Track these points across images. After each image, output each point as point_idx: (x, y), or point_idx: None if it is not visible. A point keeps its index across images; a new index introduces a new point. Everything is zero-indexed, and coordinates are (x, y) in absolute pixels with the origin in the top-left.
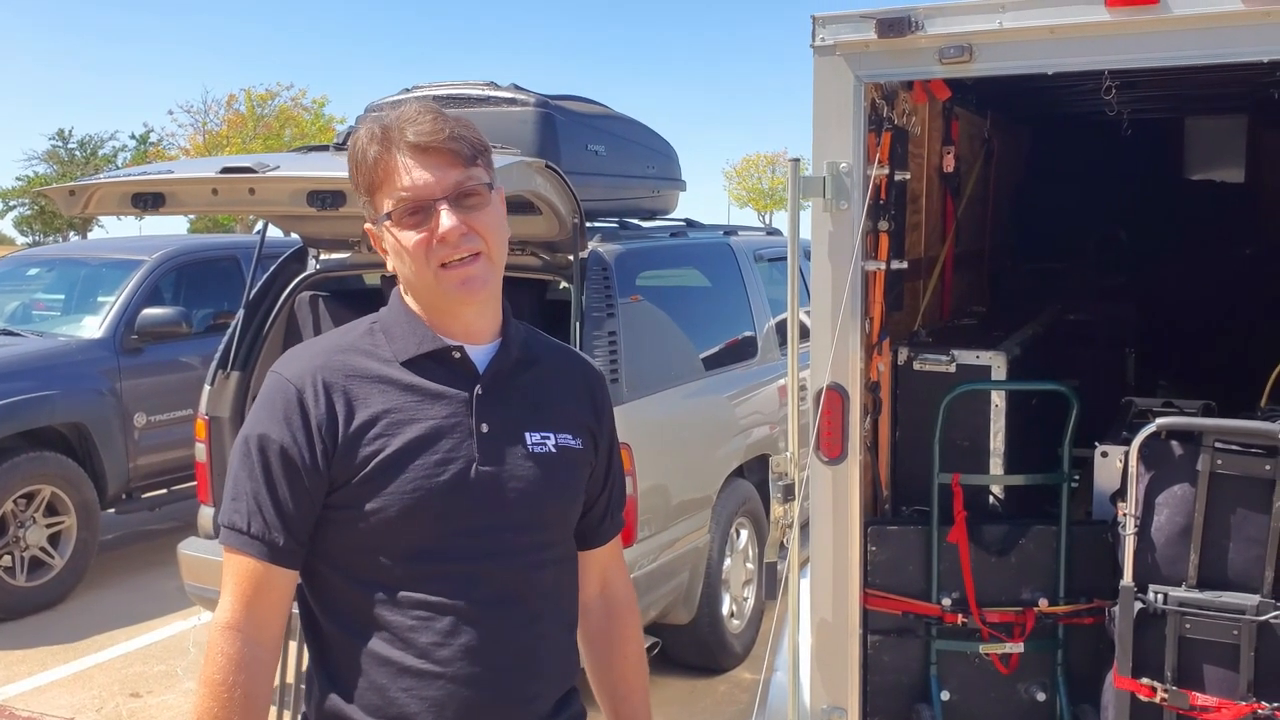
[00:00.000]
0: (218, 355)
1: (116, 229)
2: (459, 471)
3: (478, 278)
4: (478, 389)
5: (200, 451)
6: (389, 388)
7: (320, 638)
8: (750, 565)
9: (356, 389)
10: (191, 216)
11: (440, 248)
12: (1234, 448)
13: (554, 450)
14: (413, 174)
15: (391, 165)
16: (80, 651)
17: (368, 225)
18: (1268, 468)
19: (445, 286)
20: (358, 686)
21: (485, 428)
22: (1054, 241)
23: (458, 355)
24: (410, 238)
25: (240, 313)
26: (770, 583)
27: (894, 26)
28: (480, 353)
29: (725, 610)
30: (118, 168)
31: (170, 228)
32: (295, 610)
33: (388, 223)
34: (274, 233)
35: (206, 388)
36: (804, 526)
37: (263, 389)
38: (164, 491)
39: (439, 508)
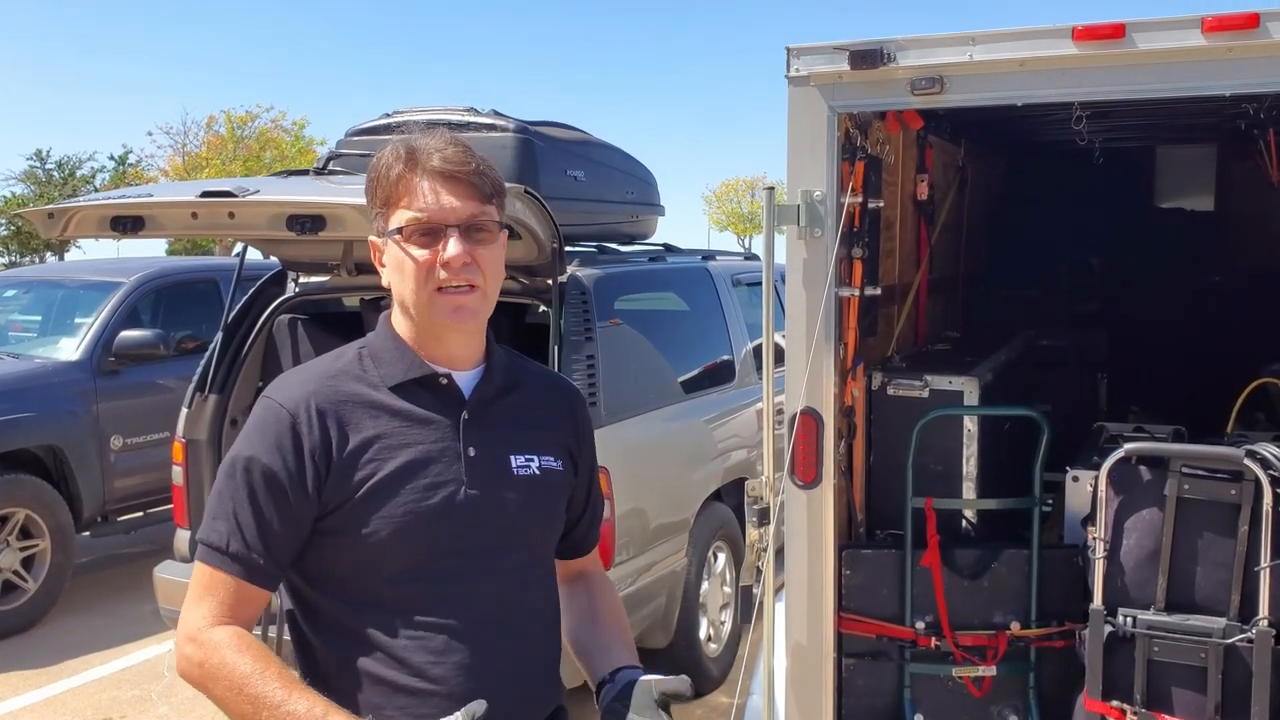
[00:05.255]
0: (195, 378)
1: (94, 250)
2: (448, 495)
3: (468, 308)
4: (464, 414)
5: (177, 474)
6: (379, 413)
7: (313, 660)
8: (727, 589)
9: (348, 415)
10: (170, 239)
11: (441, 272)
12: (1200, 473)
13: (537, 472)
14: (432, 197)
15: (413, 186)
16: (53, 676)
17: (372, 238)
18: (1233, 492)
19: (437, 310)
20: (353, 707)
21: (472, 452)
22: (1027, 268)
23: (445, 381)
24: (416, 256)
25: (219, 335)
26: (746, 606)
27: (866, 58)
28: (465, 378)
29: (702, 634)
30: (96, 189)
31: (148, 250)
32: (286, 635)
33: (397, 237)
34: (253, 255)
35: (184, 410)
36: (780, 551)
37: (255, 413)
38: (140, 514)
39: (429, 530)
